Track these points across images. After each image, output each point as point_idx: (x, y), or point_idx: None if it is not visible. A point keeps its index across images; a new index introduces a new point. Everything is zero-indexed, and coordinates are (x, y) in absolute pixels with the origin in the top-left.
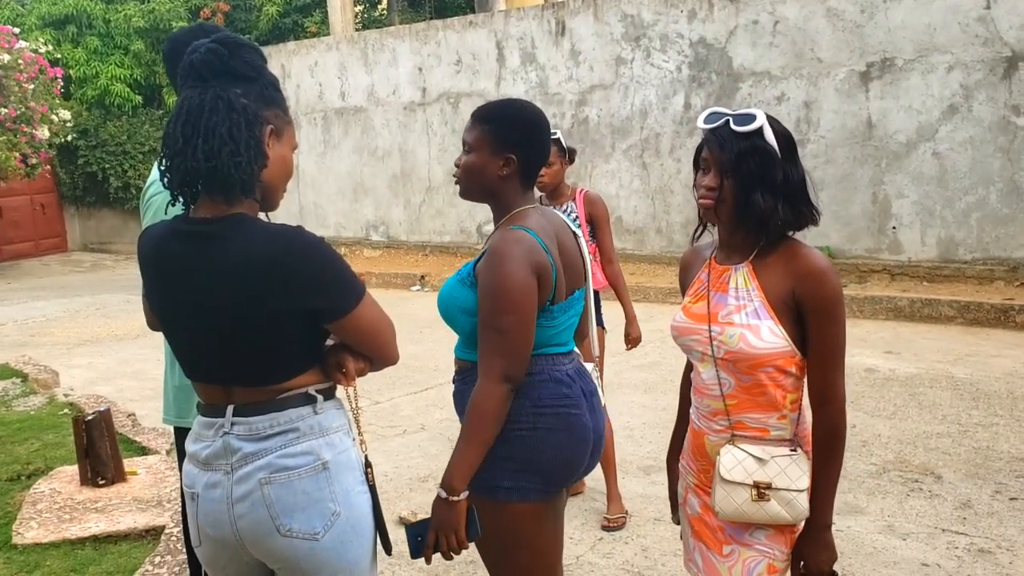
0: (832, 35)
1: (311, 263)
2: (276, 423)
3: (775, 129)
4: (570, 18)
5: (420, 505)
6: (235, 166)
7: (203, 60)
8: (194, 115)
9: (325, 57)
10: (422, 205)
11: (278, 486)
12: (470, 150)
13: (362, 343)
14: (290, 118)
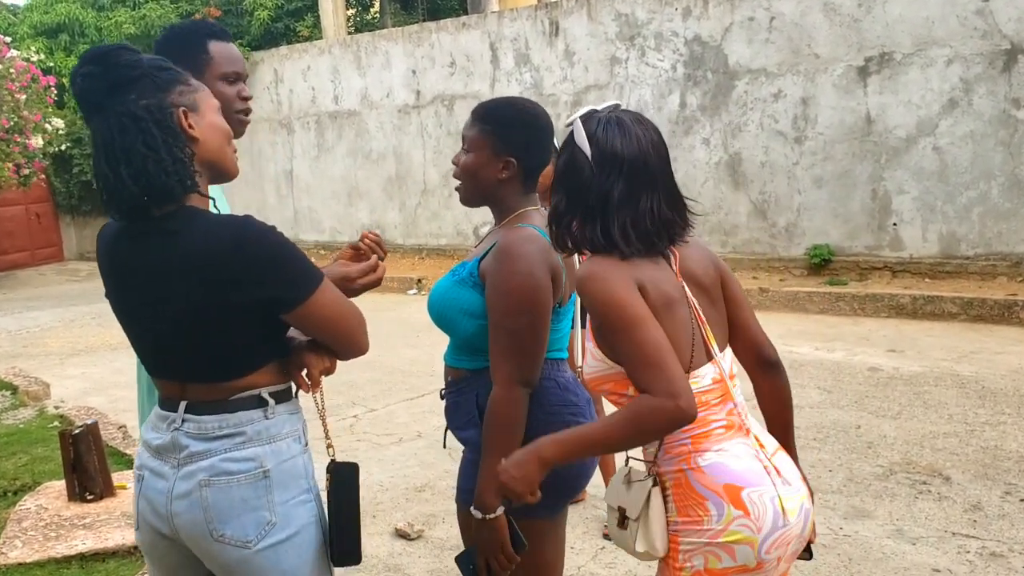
0: (829, 30)
1: (262, 252)
2: (225, 424)
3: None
4: (564, 18)
5: (417, 516)
6: (165, 173)
7: (85, 88)
8: (109, 144)
9: (318, 61)
10: (417, 208)
11: (216, 490)
12: (468, 149)
13: (324, 333)
14: (195, 84)
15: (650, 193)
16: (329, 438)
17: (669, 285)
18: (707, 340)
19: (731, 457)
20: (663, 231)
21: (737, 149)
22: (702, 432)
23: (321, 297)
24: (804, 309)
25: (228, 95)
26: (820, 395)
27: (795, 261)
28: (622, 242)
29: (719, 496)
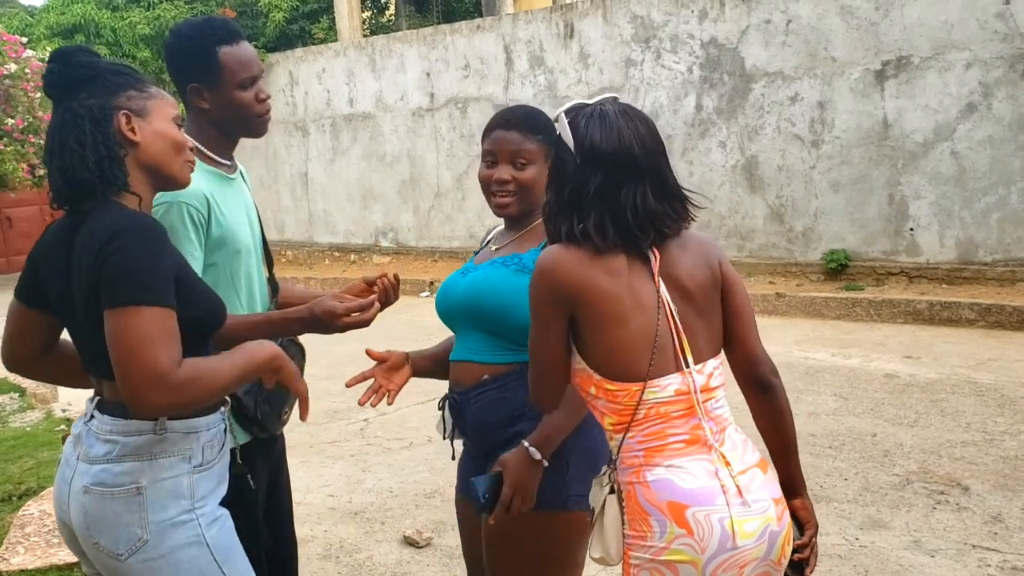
0: (846, 33)
1: (119, 250)
2: (115, 429)
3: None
4: (578, 20)
5: (426, 523)
6: (87, 169)
7: (47, 84)
8: (50, 137)
9: (333, 63)
10: (431, 211)
11: (92, 498)
12: (528, 163)
13: (111, 351)
14: (153, 92)
15: (633, 185)
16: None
17: (632, 289)
18: (678, 349)
19: (682, 474)
20: (648, 224)
21: (754, 152)
22: (657, 446)
23: (125, 317)
24: (820, 314)
25: (246, 101)
26: (836, 402)
27: (812, 266)
28: (597, 236)
29: (662, 513)
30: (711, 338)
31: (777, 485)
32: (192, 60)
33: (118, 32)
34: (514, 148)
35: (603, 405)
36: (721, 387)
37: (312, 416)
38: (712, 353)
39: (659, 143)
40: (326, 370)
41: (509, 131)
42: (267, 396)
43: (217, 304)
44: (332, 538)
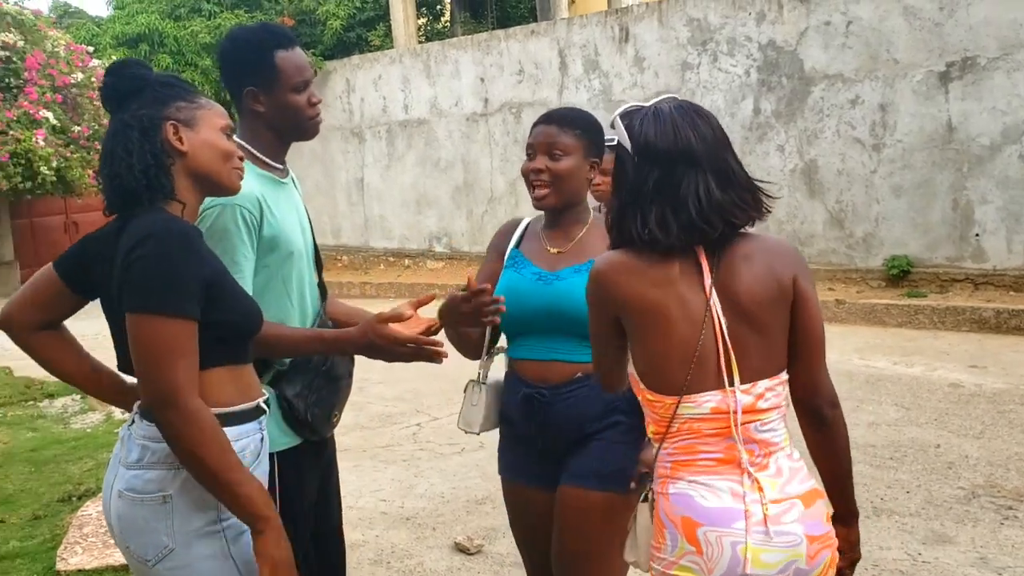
0: (909, 34)
1: (147, 256)
2: (147, 435)
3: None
4: (634, 24)
5: (477, 530)
6: (133, 178)
7: (103, 96)
8: (103, 146)
9: (388, 70)
10: (484, 215)
11: (124, 503)
12: (563, 155)
13: (133, 356)
14: (202, 102)
15: (694, 177)
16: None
17: (681, 300)
18: (723, 366)
19: (704, 491)
20: (715, 215)
21: (813, 156)
22: (685, 460)
23: (143, 325)
24: (882, 322)
25: (300, 104)
26: (898, 412)
27: (872, 272)
28: (660, 232)
29: (676, 528)
30: (770, 357)
31: (823, 522)
32: (249, 64)
33: (180, 41)
34: (550, 140)
35: (647, 413)
36: (775, 409)
37: (365, 420)
38: (770, 373)
39: (720, 135)
40: (379, 375)
41: (548, 125)
42: (317, 399)
43: (253, 310)
44: (383, 543)
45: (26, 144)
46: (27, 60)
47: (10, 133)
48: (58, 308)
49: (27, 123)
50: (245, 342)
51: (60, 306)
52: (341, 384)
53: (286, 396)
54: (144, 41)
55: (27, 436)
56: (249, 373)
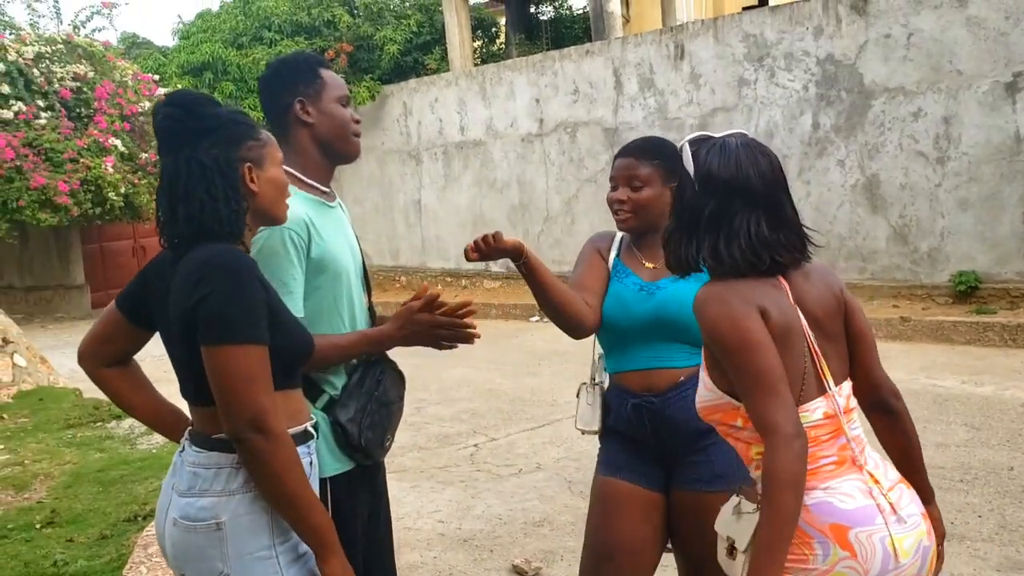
0: (973, 45)
1: (216, 290)
2: (199, 462)
3: (696, 156)
4: (689, 41)
5: (535, 552)
6: (218, 223)
7: (164, 127)
8: (173, 183)
9: (445, 93)
10: (540, 235)
11: (180, 530)
12: (642, 186)
13: (213, 386)
14: (264, 138)
15: (748, 213)
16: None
17: (788, 312)
18: (821, 373)
19: (840, 496)
20: (763, 251)
21: (875, 171)
22: (811, 469)
23: (223, 356)
24: (949, 340)
25: (344, 117)
26: (968, 433)
27: (939, 288)
28: (711, 260)
29: (825, 536)
30: (841, 362)
31: (919, 499)
32: (299, 76)
33: (243, 68)
34: (630, 172)
35: (750, 435)
36: (856, 409)
37: (423, 440)
38: (844, 376)
39: (780, 176)
40: (437, 395)
41: (627, 157)
42: (371, 423)
43: (305, 336)
44: (441, 565)
45: (96, 171)
46: (97, 90)
47: (81, 160)
48: (123, 343)
49: (97, 151)
50: (296, 367)
51: (125, 341)
52: (393, 408)
53: (340, 421)
54: (208, 70)
55: (95, 456)
56: (299, 398)
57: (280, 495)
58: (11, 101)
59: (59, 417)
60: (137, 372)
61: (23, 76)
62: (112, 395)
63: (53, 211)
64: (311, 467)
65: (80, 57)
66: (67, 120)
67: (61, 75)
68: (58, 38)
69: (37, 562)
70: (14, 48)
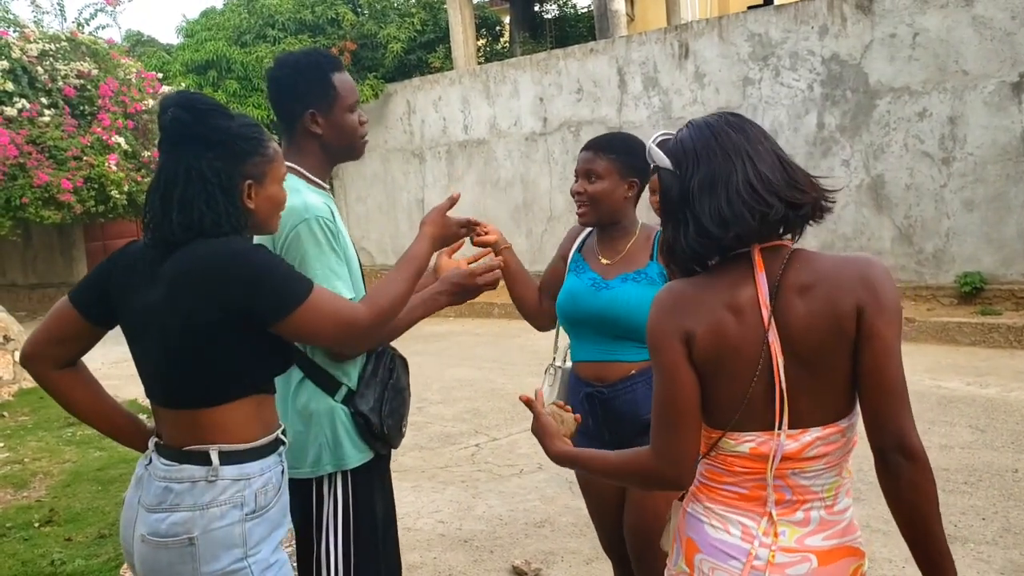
0: (979, 45)
1: (259, 272)
2: (168, 475)
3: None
4: (694, 40)
5: (535, 553)
6: (217, 229)
7: (169, 128)
8: (170, 186)
9: (448, 91)
10: (544, 234)
11: (148, 547)
12: (597, 178)
13: (319, 339)
14: (270, 153)
15: (740, 164)
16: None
17: (739, 331)
18: (777, 408)
19: (716, 522)
20: (771, 196)
21: (880, 171)
22: (710, 486)
23: (306, 313)
24: (954, 341)
25: (353, 124)
26: (972, 434)
27: (944, 289)
28: (719, 230)
29: (681, 545)
30: (824, 402)
31: None
32: (312, 87)
33: (247, 66)
34: (587, 165)
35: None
36: (823, 458)
37: (424, 440)
38: (822, 420)
39: (757, 129)
40: (439, 394)
41: (587, 151)
42: (390, 410)
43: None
44: (441, 566)
45: (99, 169)
46: (100, 88)
47: (84, 158)
48: (76, 342)
49: (100, 148)
50: (278, 374)
51: (78, 339)
52: (405, 394)
53: (361, 412)
54: (213, 68)
55: (95, 455)
56: (271, 404)
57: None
58: (15, 98)
59: (60, 415)
60: (88, 375)
61: (27, 73)
62: (65, 401)
63: (56, 209)
64: (282, 476)
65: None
66: (71, 118)
67: (65, 73)
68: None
69: (35, 561)
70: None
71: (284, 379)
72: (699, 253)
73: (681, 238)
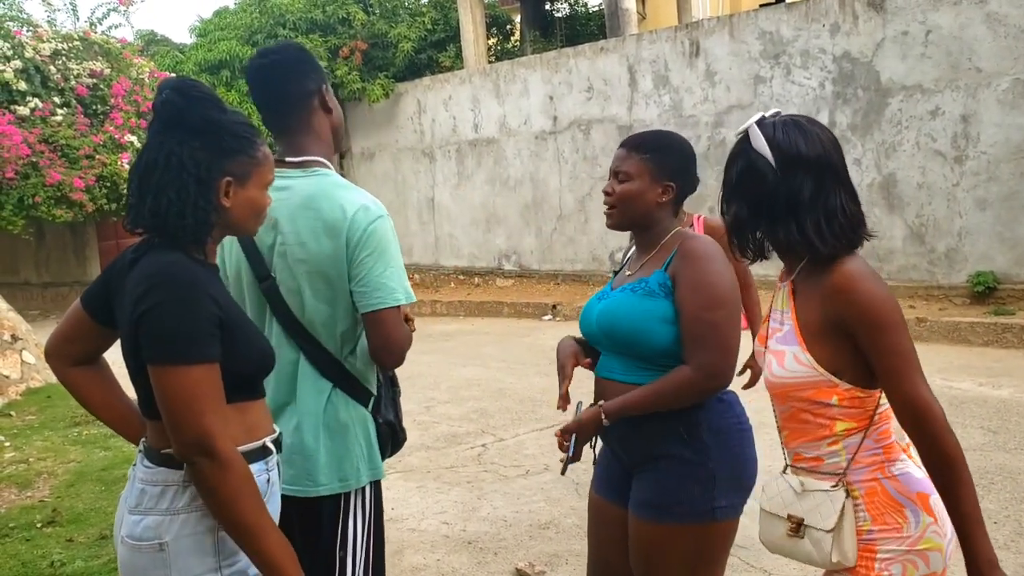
0: (993, 43)
1: (159, 305)
2: (146, 478)
3: (773, 138)
4: (704, 38)
5: (539, 555)
6: (181, 228)
7: (161, 108)
8: (149, 170)
9: (458, 90)
10: (553, 233)
11: (126, 549)
12: (627, 179)
13: (160, 406)
14: (259, 156)
15: (838, 190)
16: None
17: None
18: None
19: (913, 467)
20: (857, 227)
21: (891, 170)
22: (888, 444)
23: (168, 376)
24: (966, 341)
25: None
26: (984, 436)
27: (956, 289)
28: (817, 239)
29: (915, 503)
30: None
31: None
32: (315, 63)
33: None
34: (617, 164)
35: (840, 412)
36: None
37: (431, 440)
38: None
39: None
40: (446, 394)
41: (620, 149)
42: (396, 414)
43: (265, 349)
44: (445, 568)
45: (112, 167)
46: (113, 87)
47: (97, 157)
48: (89, 341)
49: (112, 147)
50: (256, 381)
51: (90, 339)
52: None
53: (388, 420)
54: (225, 67)
55: (100, 455)
56: (258, 410)
57: (230, 521)
58: (28, 98)
59: (66, 415)
60: (106, 373)
61: (40, 73)
62: (77, 396)
63: (68, 207)
64: (268, 484)
65: (97, 54)
66: (83, 117)
67: (78, 72)
68: (75, 35)
69: (35, 562)
70: (31, 45)
71: (315, 392)
72: (792, 248)
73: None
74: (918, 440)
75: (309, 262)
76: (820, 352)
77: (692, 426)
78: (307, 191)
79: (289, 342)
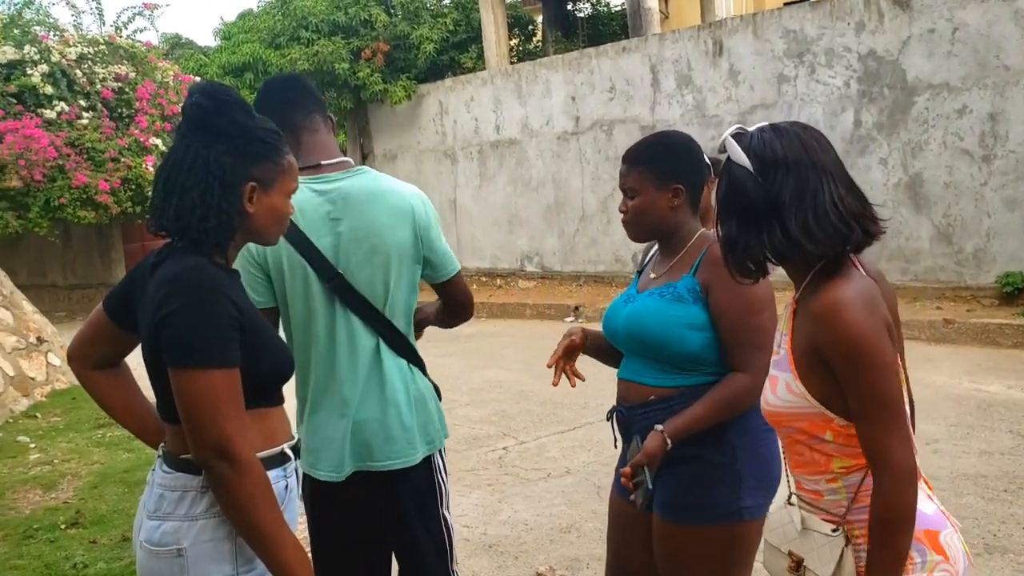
0: (1021, 40)
1: (179, 310)
2: (164, 482)
3: (749, 146)
4: (728, 37)
5: (560, 559)
6: (204, 231)
7: (190, 112)
8: (175, 171)
9: (480, 92)
10: (576, 235)
11: (145, 554)
12: (634, 194)
13: (180, 410)
14: (285, 164)
15: (828, 184)
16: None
17: (887, 315)
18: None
19: (923, 502)
20: (853, 223)
21: (918, 169)
22: None
23: (189, 380)
24: (995, 343)
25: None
26: (1013, 440)
27: (984, 290)
28: (805, 239)
29: (921, 542)
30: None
31: None
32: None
33: (282, 68)
34: (622, 182)
35: (835, 449)
36: None
37: (451, 442)
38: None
39: (835, 151)
40: (468, 396)
41: (623, 165)
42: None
43: (285, 356)
44: (465, 572)
45: (136, 170)
46: (138, 90)
47: (122, 160)
48: (111, 345)
49: (137, 150)
50: (274, 387)
51: (112, 343)
52: None
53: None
54: (249, 70)
55: (123, 457)
56: (277, 416)
57: (246, 526)
58: (54, 101)
59: (90, 416)
60: (127, 377)
61: (66, 77)
62: (97, 398)
63: (93, 209)
64: (287, 491)
65: (122, 58)
66: (108, 120)
67: (103, 76)
68: (100, 39)
69: (58, 564)
70: (58, 49)
71: (399, 372)
72: (783, 256)
73: (766, 240)
74: (874, 489)
75: (391, 252)
76: (810, 381)
77: (720, 428)
78: (364, 188)
79: (367, 331)
